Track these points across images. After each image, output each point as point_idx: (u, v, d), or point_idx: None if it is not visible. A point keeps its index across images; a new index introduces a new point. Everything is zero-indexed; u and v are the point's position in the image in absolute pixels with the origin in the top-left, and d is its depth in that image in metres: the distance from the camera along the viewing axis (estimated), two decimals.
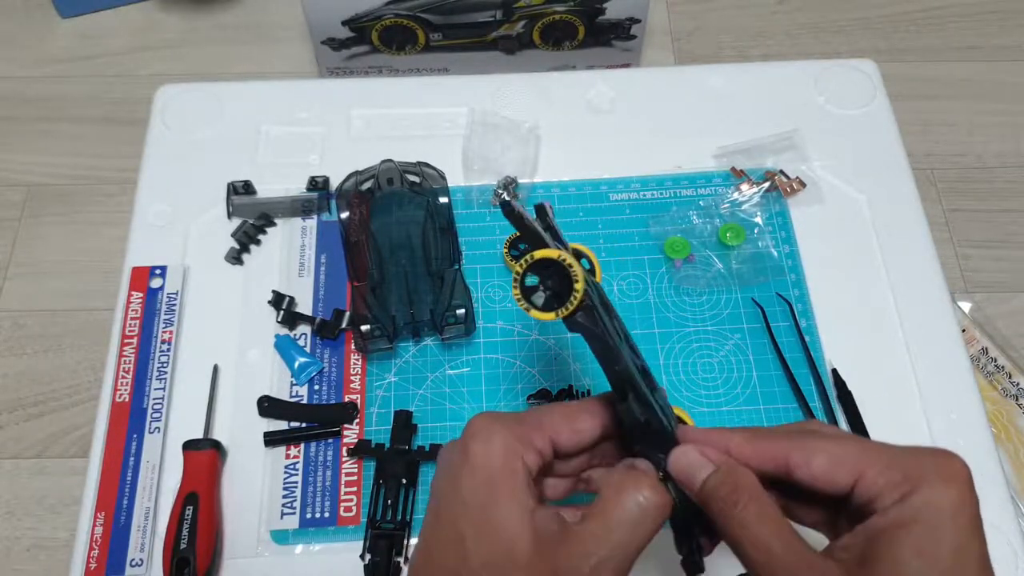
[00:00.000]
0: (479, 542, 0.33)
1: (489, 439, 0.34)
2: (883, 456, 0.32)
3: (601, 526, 0.33)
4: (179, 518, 0.49)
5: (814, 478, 0.33)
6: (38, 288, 1.04)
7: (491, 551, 0.33)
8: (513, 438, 0.34)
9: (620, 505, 0.33)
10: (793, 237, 0.61)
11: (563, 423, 0.36)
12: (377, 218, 0.59)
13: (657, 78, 0.70)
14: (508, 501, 0.33)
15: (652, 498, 0.33)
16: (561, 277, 0.34)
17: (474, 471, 0.34)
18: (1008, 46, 1.25)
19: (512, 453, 0.34)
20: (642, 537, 0.33)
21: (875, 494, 0.31)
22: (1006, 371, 0.93)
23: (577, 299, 0.34)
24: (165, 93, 0.67)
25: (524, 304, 0.35)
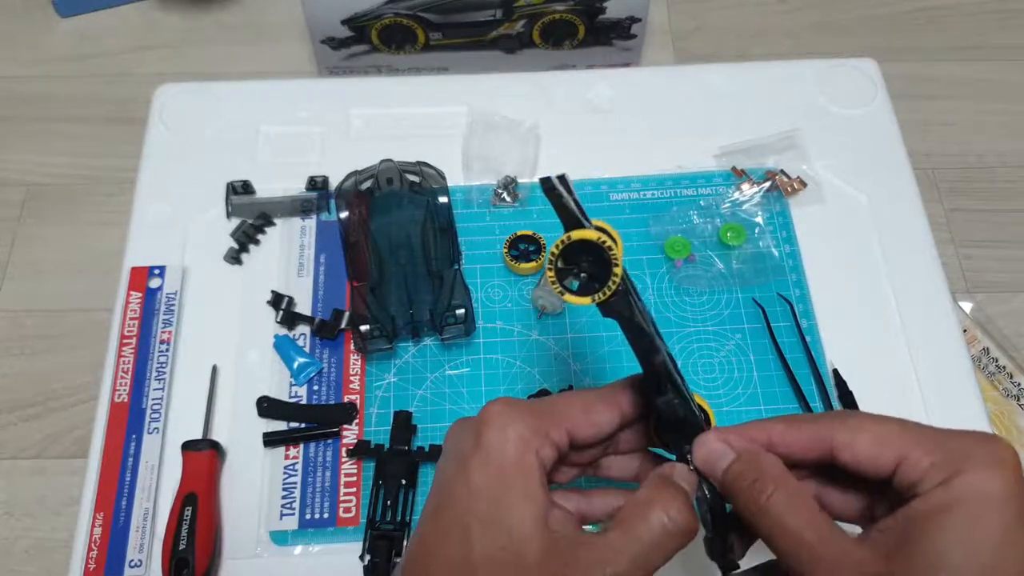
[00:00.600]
0: (486, 537, 0.31)
1: (504, 428, 0.33)
2: (928, 437, 0.31)
3: (622, 539, 0.32)
4: (178, 518, 0.49)
5: (857, 459, 0.31)
6: (37, 288, 1.04)
7: (498, 548, 0.31)
8: (529, 430, 0.33)
9: (645, 522, 0.32)
10: (794, 237, 0.60)
11: (581, 415, 0.35)
12: (376, 218, 0.59)
13: (657, 77, 0.70)
14: (521, 499, 0.32)
15: (679, 520, 0.32)
16: (597, 260, 0.33)
17: (487, 461, 0.32)
18: (1008, 46, 1.25)
19: (527, 446, 0.33)
20: (661, 558, 0.32)
21: (918, 476, 0.30)
22: (1007, 371, 0.93)
23: (616, 283, 0.33)
24: (164, 93, 0.67)
25: (558, 288, 0.34)
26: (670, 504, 0.32)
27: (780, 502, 0.31)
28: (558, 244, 0.33)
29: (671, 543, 0.32)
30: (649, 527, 0.32)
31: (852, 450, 0.31)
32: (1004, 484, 0.29)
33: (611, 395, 0.36)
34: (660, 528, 0.32)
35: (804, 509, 0.31)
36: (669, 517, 0.32)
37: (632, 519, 0.32)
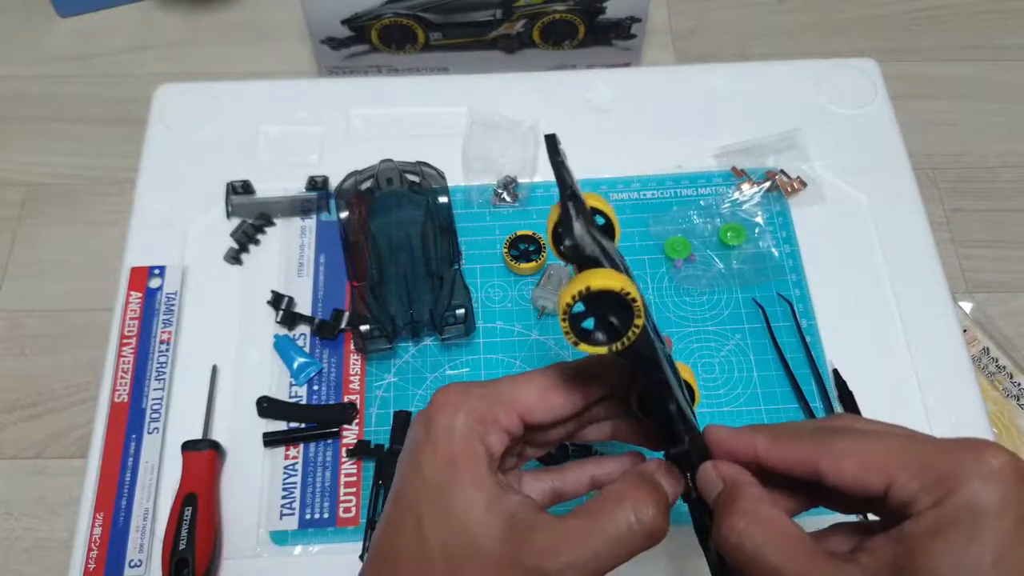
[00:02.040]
0: (439, 526, 0.31)
1: (453, 417, 0.32)
2: (916, 455, 0.29)
3: (584, 529, 0.31)
4: (178, 519, 0.49)
5: (844, 485, 0.30)
6: (37, 288, 1.04)
7: (451, 536, 0.31)
8: (477, 418, 0.32)
9: (613, 516, 0.31)
10: (794, 237, 0.60)
11: (537, 400, 0.34)
12: (376, 218, 0.59)
13: (657, 77, 0.70)
14: (469, 486, 0.31)
15: (646, 521, 0.31)
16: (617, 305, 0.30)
17: (435, 450, 0.32)
18: (1008, 46, 1.25)
19: (474, 434, 0.32)
20: (622, 555, 0.31)
21: (909, 498, 0.29)
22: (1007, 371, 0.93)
23: (636, 335, 0.31)
24: (164, 93, 0.67)
25: (573, 339, 0.31)
26: (642, 503, 0.31)
27: (754, 537, 0.30)
28: (575, 296, 0.30)
29: (634, 543, 0.31)
30: (615, 523, 0.31)
31: (838, 476, 0.30)
32: (998, 495, 0.28)
33: (575, 380, 0.35)
34: (626, 526, 0.31)
35: (781, 541, 0.30)
36: (637, 517, 0.31)
37: (600, 511, 0.31)
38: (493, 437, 0.33)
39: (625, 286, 0.30)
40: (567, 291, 0.30)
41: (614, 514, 0.31)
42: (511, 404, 0.34)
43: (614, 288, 0.30)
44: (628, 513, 0.31)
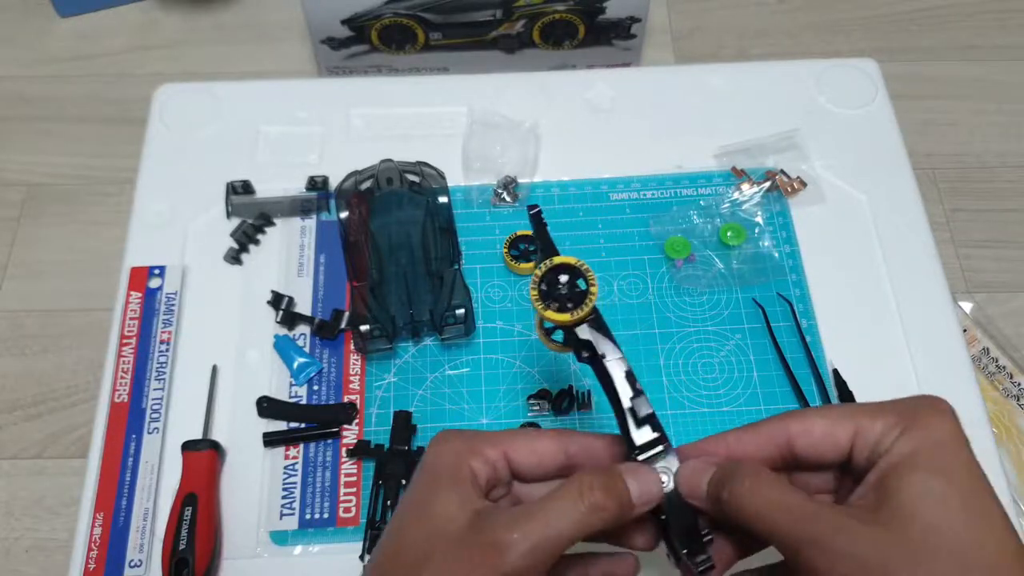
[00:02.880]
0: (418, 528, 0.35)
1: (442, 444, 0.37)
2: (875, 408, 0.33)
3: (537, 506, 0.34)
4: (178, 519, 0.49)
5: (814, 444, 0.34)
6: (37, 288, 1.04)
7: (426, 534, 0.34)
8: (464, 446, 0.36)
9: (562, 494, 0.34)
10: (794, 237, 0.60)
11: (522, 441, 0.37)
12: (376, 218, 0.59)
13: (657, 77, 0.70)
14: (448, 492, 0.35)
15: (592, 500, 0.34)
16: (573, 285, 0.37)
17: (423, 472, 0.36)
18: (1008, 46, 1.25)
19: (460, 457, 0.36)
20: (566, 529, 0.33)
21: (875, 439, 0.32)
22: (1007, 371, 0.93)
23: (592, 300, 0.37)
24: (164, 93, 0.67)
25: (541, 305, 0.37)
26: (587, 484, 0.34)
27: (764, 489, 0.33)
28: (543, 267, 0.38)
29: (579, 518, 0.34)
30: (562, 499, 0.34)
31: (808, 436, 0.34)
32: (953, 427, 0.32)
33: (561, 434, 0.38)
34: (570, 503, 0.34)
35: (787, 493, 0.33)
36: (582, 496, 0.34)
37: (554, 493, 0.35)
38: (476, 462, 0.36)
39: (582, 262, 0.37)
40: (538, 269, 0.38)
41: (563, 493, 0.34)
42: (498, 441, 0.37)
43: (571, 262, 0.38)
44: (574, 493, 0.34)
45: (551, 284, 0.38)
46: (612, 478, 0.35)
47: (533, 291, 0.38)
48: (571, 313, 0.37)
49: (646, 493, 0.36)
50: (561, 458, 0.38)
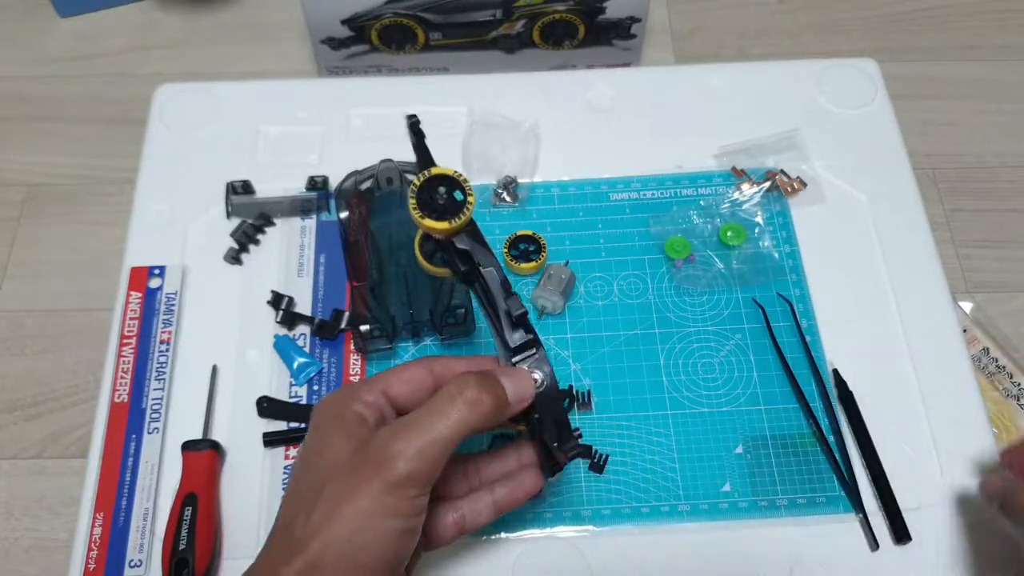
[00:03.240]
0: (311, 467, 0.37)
1: (323, 401, 0.40)
2: None
3: (417, 412, 0.36)
4: (178, 519, 0.49)
5: None
6: (37, 288, 1.04)
7: (318, 470, 0.37)
8: (343, 394, 0.39)
9: (438, 396, 0.36)
10: (794, 237, 0.60)
11: (392, 375, 0.40)
12: (376, 218, 0.59)
13: (657, 77, 0.70)
14: (333, 433, 0.37)
15: (468, 396, 0.36)
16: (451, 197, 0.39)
17: (310, 428, 0.39)
18: (1008, 46, 1.25)
19: (340, 404, 0.38)
20: (448, 428, 0.35)
21: None
22: (1007, 371, 0.93)
23: (470, 209, 0.39)
24: (164, 93, 0.67)
25: (419, 214, 0.39)
26: (461, 383, 0.36)
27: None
28: (420, 176, 0.39)
29: (458, 414, 0.36)
30: (439, 401, 0.36)
31: None
32: None
33: (425, 359, 0.42)
34: (448, 402, 0.36)
35: None
36: (459, 394, 0.36)
37: (431, 399, 0.37)
38: (358, 406, 0.38)
39: (459, 173, 0.39)
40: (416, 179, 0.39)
41: (439, 396, 0.36)
42: (373, 383, 0.40)
43: (449, 173, 0.39)
44: (452, 392, 0.36)
45: (431, 195, 0.39)
46: (487, 377, 0.37)
47: (412, 201, 0.39)
48: (449, 222, 0.38)
49: (520, 391, 0.38)
50: (429, 380, 0.40)
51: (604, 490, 0.52)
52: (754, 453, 0.53)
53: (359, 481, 0.35)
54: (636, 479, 0.52)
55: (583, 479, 0.52)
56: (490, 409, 0.36)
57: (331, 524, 0.34)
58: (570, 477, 0.52)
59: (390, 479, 0.34)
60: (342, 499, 0.35)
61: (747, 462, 0.53)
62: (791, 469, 0.52)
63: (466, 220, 0.39)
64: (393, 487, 0.34)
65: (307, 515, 0.35)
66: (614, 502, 0.51)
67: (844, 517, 0.51)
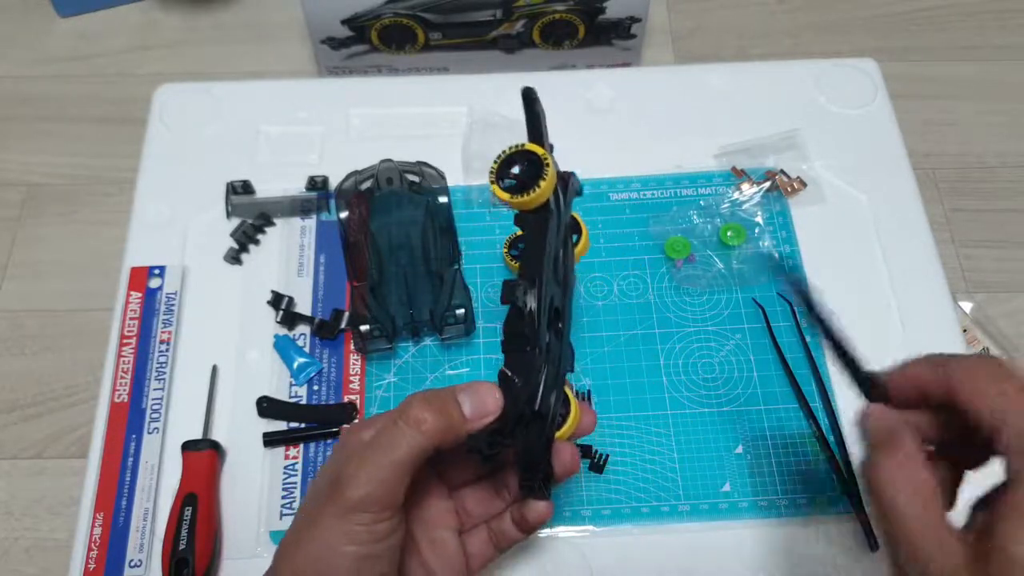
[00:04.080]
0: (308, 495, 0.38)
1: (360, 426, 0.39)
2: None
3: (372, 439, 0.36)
4: (178, 519, 0.49)
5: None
6: (37, 288, 1.04)
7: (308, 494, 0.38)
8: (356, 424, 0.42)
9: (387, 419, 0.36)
10: (794, 237, 0.60)
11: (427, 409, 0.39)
12: (376, 218, 0.59)
13: (657, 78, 0.70)
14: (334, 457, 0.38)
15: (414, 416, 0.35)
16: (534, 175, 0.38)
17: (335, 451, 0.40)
18: (1008, 46, 1.25)
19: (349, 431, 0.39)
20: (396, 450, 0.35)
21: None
22: None
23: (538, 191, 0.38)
24: (164, 93, 0.67)
25: (492, 178, 0.39)
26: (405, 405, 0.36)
27: (894, 488, 0.33)
28: (509, 148, 0.39)
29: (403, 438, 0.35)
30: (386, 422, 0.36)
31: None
32: None
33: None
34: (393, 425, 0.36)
35: (915, 500, 0.32)
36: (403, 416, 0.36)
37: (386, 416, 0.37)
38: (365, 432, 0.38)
39: (547, 156, 0.39)
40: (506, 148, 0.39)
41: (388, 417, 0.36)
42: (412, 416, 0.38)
43: (538, 152, 0.39)
44: (396, 416, 0.36)
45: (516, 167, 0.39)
46: (436, 393, 0.37)
47: (494, 165, 0.39)
48: (512, 195, 0.39)
49: (480, 406, 0.37)
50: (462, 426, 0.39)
51: (604, 490, 0.52)
52: (754, 453, 0.53)
53: (319, 507, 0.35)
54: (636, 479, 0.52)
55: (583, 479, 0.52)
56: (436, 427, 0.35)
57: (297, 551, 0.35)
58: (570, 477, 0.52)
59: (344, 504, 0.34)
60: (307, 524, 0.35)
61: (747, 462, 0.53)
62: (791, 469, 0.52)
63: (529, 200, 0.39)
64: (347, 512, 0.34)
65: (285, 541, 0.37)
66: (614, 502, 0.51)
67: (844, 517, 0.51)
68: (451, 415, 0.36)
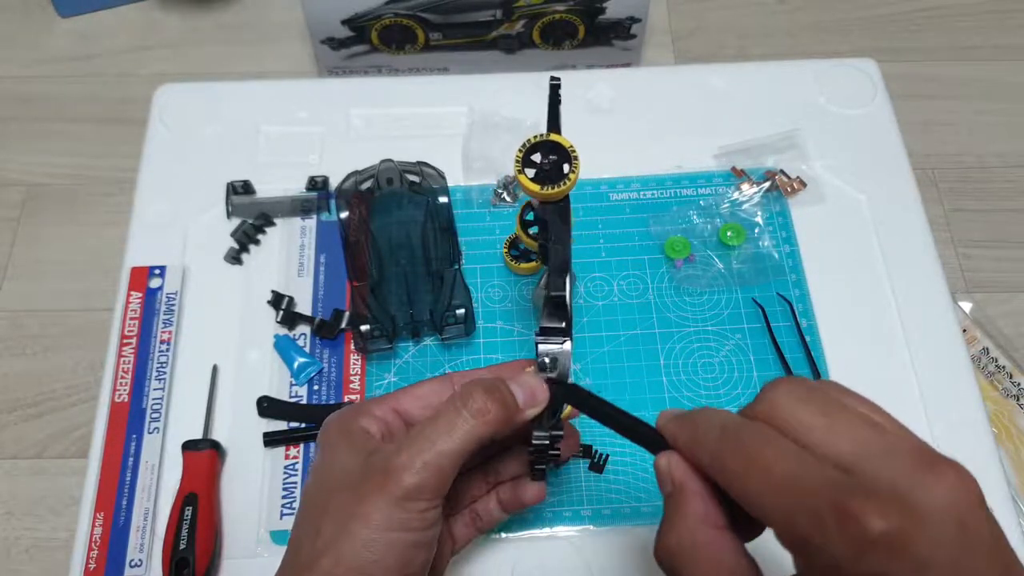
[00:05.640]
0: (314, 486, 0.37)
1: (330, 422, 0.39)
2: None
3: (423, 424, 0.35)
4: (178, 518, 0.49)
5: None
6: (37, 288, 1.04)
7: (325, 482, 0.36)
8: (350, 411, 0.38)
9: (445, 408, 0.35)
10: (794, 237, 0.60)
11: (403, 393, 0.40)
12: (377, 218, 0.59)
13: (657, 78, 0.70)
14: (339, 448, 0.37)
15: (474, 406, 0.35)
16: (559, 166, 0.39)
17: (319, 447, 0.38)
18: (1008, 46, 1.25)
19: (346, 420, 0.38)
20: (456, 439, 0.35)
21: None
22: (1007, 371, 0.93)
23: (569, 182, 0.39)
24: (164, 93, 0.67)
25: (519, 168, 0.39)
26: (468, 393, 0.36)
27: (683, 561, 0.30)
28: (535, 137, 0.39)
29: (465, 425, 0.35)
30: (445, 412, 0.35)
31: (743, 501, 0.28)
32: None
33: (444, 377, 0.41)
34: (454, 412, 0.35)
35: (708, 570, 0.30)
36: (466, 404, 0.35)
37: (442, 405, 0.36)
38: (364, 420, 0.38)
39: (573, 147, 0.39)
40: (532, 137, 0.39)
41: (446, 407, 0.36)
42: (384, 399, 0.39)
43: (565, 144, 0.39)
44: (457, 403, 0.35)
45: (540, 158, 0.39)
46: (495, 384, 0.36)
47: (519, 154, 0.39)
48: (543, 187, 0.39)
49: (531, 397, 0.37)
50: (449, 393, 0.39)
51: (604, 490, 0.52)
52: None
53: (366, 495, 0.34)
54: (636, 479, 0.52)
55: (583, 479, 0.52)
56: (498, 418, 0.35)
57: (340, 540, 0.34)
58: (570, 477, 0.52)
59: (397, 492, 0.34)
60: (351, 514, 0.34)
61: None
62: None
63: (559, 192, 0.39)
64: (401, 500, 0.34)
65: (316, 532, 0.35)
66: (614, 502, 0.51)
67: None
68: (510, 406, 0.36)
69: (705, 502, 0.30)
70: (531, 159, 0.39)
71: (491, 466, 0.44)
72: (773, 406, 0.28)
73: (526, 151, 0.39)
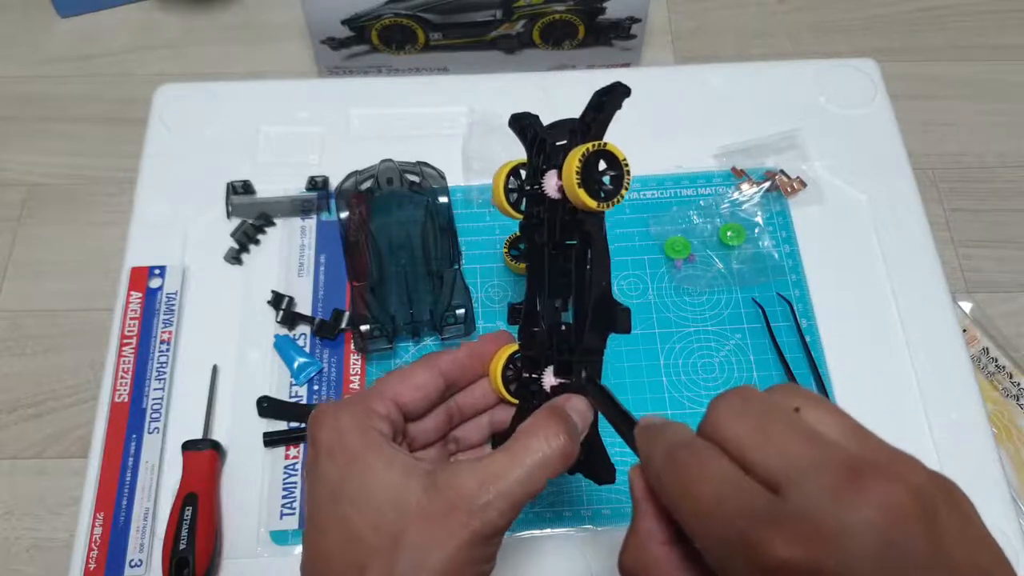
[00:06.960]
0: (364, 514, 0.33)
1: (335, 421, 0.35)
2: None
3: (505, 461, 0.33)
4: (178, 518, 0.49)
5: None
6: (37, 288, 1.04)
7: (378, 515, 0.32)
8: (359, 413, 0.35)
9: (527, 447, 0.34)
10: (794, 237, 0.60)
11: (400, 384, 0.38)
12: (376, 218, 0.59)
13: (657, 78, 0.70)
14: (380, 468, 0.33)
15: (558, 447, 0.34)
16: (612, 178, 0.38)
17: (332, 454, 0.34)
18: (1008, 46, 1.25)
19: (363, 425, 0.35)
20: (541, 479, 0.33)
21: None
22: (1007, 371, 0.93)
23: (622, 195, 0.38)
24: (164, 93, 0.67)
25: (577, 179, 0.37)
26: (552, 432, 0.34)
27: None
28: (593, 145, 0.37)
29: (551, 466, 0.34)
30: (531, 451, 0.33)
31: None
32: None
33: (427, 360, 0.39)
34: (540, 453, 0.33)
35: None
36: (549, 444, 0.34)
37: (517, 445, 0.34)
38: (377, 421, 0.35)
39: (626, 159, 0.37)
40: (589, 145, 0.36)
41: (529, 444, 0.34)
42: (383, 394, 0.37)
43: (619, 156, 0.37)
44: (541, 442, 0.34)
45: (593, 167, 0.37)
46: (564, 419, 0.35)
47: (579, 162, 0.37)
48: (599, 202, 0.38)
49: (584, 422, 0.37)
50: (440, 382, 0.39)
51: (604, 490, 0.52)
52: None
53: (449, 531, 0.32)
54: None
55: (583, 479, 0.52)
56: (574, 455, 0.35)
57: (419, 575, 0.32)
58: (570, 477, 0.52)
59: (483, 532, 0.32)
60: (430, 549, 0.32)
61: None
62: None
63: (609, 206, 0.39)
64: (485, 539, 0.32)
65: (386, 564, 0.32)
66: (614, 502, 0.51)
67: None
68: (578, 438, 0.35)
69: (657, 520, 0.30)
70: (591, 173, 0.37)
71: (451, 435, 0.43)
72: (714, 422, 0.28)
73: (583, 162, 0.37)
